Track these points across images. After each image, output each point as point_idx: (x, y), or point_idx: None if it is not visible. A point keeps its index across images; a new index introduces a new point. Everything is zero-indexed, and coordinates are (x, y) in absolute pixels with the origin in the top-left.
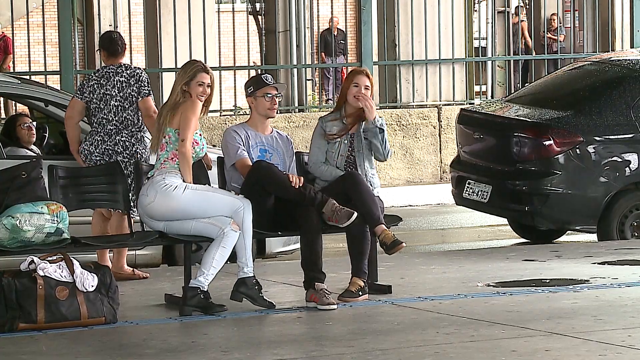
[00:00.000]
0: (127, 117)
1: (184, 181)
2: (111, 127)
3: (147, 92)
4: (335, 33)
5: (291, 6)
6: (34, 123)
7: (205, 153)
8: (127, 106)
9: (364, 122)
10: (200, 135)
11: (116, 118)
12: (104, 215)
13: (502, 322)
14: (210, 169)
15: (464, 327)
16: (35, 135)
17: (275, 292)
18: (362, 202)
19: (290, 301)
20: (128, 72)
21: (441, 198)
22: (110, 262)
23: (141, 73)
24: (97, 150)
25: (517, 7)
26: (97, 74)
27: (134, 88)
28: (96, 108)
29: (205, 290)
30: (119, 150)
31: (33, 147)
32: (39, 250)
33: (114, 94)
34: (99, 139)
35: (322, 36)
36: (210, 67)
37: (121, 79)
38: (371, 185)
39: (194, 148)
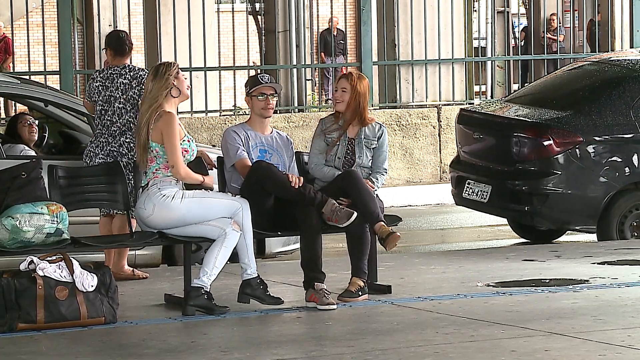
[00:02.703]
0: (130, 119)
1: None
2: (115, 129)
3: None
4: (335, 33)
5: (291, 6)
6: (36, 121)
7: (206, 154)
8: (129, 108)
9: (364, 128)
10: (189, 141)
11: (120, 120)
12: (111, 217)
13: (501, 322)
14: (214, 169)
15: (464, 327)
16: (36, 133)
17: (275, 292)
18: (360, 200)
19: (290, 301)
20: (131, 74)
21: (441, 198)
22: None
23: (143, 75)
24: (102, 152)
25: None
26: (101, 75)
27: (136, 90)
28: (101, 110)
29: (209, 290)
30: (123, 152)
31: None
32: (39, 251)
33: (117, 96)
34: (103, 140)
35: (322, 36)
36: (210, 67)
37: (124, 81)
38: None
39: (184, 156)
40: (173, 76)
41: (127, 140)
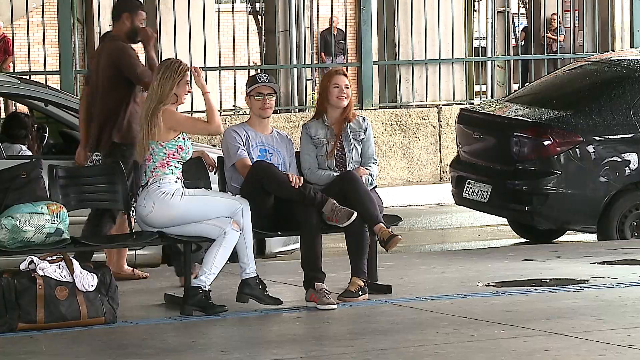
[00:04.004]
0: None
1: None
2: None
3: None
4: (335, 33)
5: (291, 6)
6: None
7: (207, 154)
8: None
9: (349, 124)
10: (184, 138)
11: None
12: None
13: (501, 322)
14: (214, 170)
15: (464, 326)
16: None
17: (275, 292)
18: (359, 201)
19: (290, 301)
20: None
21: (441, 198)
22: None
23: None
24: None
25: None
26: None
27: None
28: None
29: (207, 289)
30: None
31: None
32: (39, 251)
33: None
34: None
35: (322, 36)
36: (210, 67)
37: None
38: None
39: (179, 153)
40: (176, 85)
41: None
